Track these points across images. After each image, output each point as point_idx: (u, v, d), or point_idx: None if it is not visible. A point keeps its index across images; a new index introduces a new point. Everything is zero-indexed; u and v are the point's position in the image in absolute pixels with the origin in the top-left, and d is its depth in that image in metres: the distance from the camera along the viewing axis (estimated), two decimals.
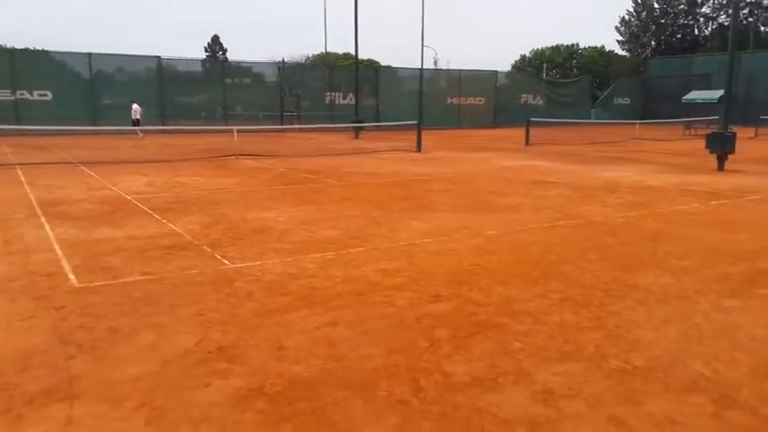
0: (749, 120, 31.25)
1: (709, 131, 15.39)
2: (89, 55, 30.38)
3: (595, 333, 3.95)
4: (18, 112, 28.07)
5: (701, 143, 15.51)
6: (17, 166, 14.14)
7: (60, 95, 29.32)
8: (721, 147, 14.16)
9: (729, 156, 14.24)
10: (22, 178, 11.96)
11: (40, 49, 32.46)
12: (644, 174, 13.28)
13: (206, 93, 34.96)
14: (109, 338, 3.84)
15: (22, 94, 29.02)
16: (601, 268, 5.54)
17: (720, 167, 14.02)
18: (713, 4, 55.40)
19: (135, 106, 26.62)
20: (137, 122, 25.97)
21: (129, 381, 3.25)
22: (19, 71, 28.90)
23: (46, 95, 29.50)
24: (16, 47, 34.12)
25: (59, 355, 3.58)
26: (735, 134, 14.26)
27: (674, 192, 10.61)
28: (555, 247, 6.41)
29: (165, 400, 3.05)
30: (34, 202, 9.06)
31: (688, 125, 30.65)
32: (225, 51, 65.62)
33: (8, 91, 28.75)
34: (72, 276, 5.20)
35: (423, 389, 3.17)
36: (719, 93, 32.03)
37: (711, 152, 14.41)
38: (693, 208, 8.96)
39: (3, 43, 42.66)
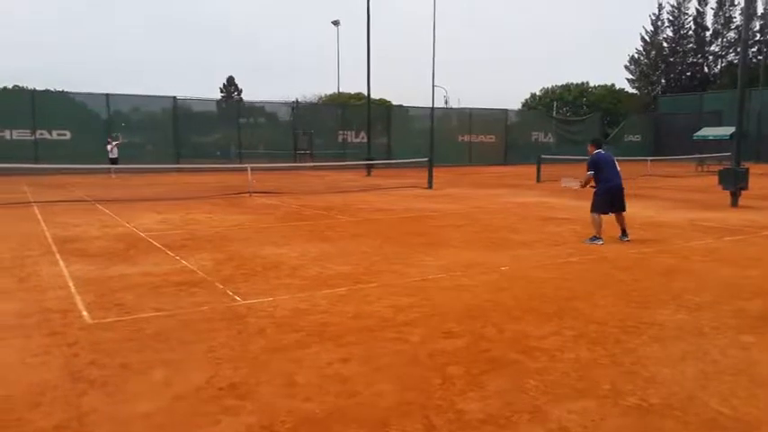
0: (762, 156, 31.16)
1: (721, 168, 15.32)
2: (107, 96, 31.11)
3: (611, 370, 3.89)
4: (37, 152, 28.64)
5: (714, 179, 15.46)
6: (34, 204, 14.36)
7: (79, 135, 29.90)
8: (734, 183, 14.07)
9: (743, 192, 14.14)
10: (39, 216, 12.13)
11: (60, 90, 33.32)
12: (657, 210, 13.20)
13: (221, 132, 35.54)
14: (120, 375, 3.84)
15: (42, 134, 29.64)
16: (615, 304, 5.49)
17: (734, 203, 13.90)
18: (722, 42, 55.86)
19: (113, 143, 25.75)
20: (115, 161, 25.05)
21: (139, 417, 3.23)
22: (39, 111, 29.57)
23: (65, 135, 30.11)
24: (37, 88, 35.04)
25: (71, 391, 3.58)
26: (747, 170, 14.19)
27: (688, 228, 10.53)
28: (568, 283, 6.37)
29: None
30: (50, 240, 9.17)
31: (700, 162, 30.56)
32: (240, 92, 66.91)
33: (28, 131, 29.39)
34: (85, 313, 5.23)
35: (435, 427, 3.12)
36: (731, 129, 31.93)
37: (724, 188, 14.32)
38: (707, 244, 8.88)
39: (24, 84, 43.98)
